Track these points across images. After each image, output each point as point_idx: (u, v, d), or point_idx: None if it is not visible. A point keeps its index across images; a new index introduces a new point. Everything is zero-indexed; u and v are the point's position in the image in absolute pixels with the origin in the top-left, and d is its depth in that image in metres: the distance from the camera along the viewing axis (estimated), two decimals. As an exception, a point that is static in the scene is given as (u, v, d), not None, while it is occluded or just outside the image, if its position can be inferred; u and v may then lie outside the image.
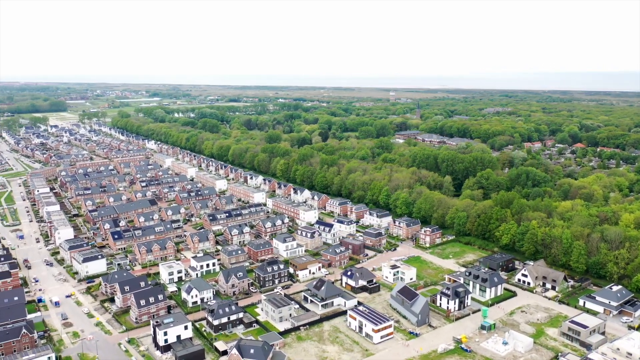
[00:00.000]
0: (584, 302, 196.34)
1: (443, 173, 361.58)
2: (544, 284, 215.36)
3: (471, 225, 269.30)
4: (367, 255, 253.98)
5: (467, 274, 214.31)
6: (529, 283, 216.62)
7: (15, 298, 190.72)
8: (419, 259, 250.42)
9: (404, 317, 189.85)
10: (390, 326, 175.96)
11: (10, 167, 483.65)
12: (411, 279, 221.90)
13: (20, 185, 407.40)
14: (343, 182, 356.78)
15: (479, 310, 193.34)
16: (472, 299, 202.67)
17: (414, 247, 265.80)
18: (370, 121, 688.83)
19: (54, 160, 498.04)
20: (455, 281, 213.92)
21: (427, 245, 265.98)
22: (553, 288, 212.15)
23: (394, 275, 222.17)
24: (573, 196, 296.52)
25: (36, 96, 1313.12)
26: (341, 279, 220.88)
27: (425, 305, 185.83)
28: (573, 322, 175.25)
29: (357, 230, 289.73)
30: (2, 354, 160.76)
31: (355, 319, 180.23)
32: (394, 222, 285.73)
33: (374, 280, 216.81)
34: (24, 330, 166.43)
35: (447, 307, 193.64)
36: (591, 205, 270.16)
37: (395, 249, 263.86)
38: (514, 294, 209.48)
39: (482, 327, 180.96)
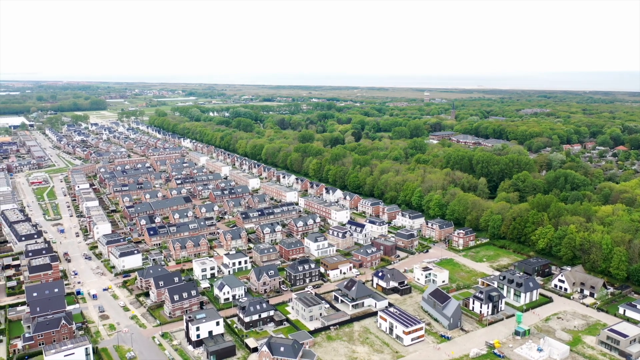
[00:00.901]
0: (624, 310, 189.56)
1: (478, 175, 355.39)
2: (581, 291, 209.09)
3: (506, 229, 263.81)
4: (398, 256, 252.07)
5: (502, 278, 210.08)
6: (565, 289, 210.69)
7: (56, 290, 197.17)
8: (452, 261, 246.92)
9: (436, 320, 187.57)
10: (421, 328, 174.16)
11: (52, 164, 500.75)
12: (443, 281, 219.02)
13: (61, 181, 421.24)
14: (375, 183, 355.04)
15: (513, 315, 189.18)
16: (506, 303, 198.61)
17: (447, 250, 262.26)
18: (404, 121, 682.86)
19: (94, 157, 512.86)
20: (488, 285, 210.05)
21: (460, 247, 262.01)
22: (591, 295, 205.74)
23: (426, 277, 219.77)
24: (614, 200, 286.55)
25: (78, 95, 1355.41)
26: (372, 280, 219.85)
27: (457, 308, 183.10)
28: (612, 330, 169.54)
29: (388, 231, 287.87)
30: (43, 344, 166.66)
31: (385, 320, 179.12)
32: (427, 224, 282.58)
33: (406, 282, 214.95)
34: (63, 321, 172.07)
35: (480, 311, 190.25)
36: (633, 210, 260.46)
37: (427, 251, 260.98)
38: (550, 300, 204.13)
39: (516, 333, 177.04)
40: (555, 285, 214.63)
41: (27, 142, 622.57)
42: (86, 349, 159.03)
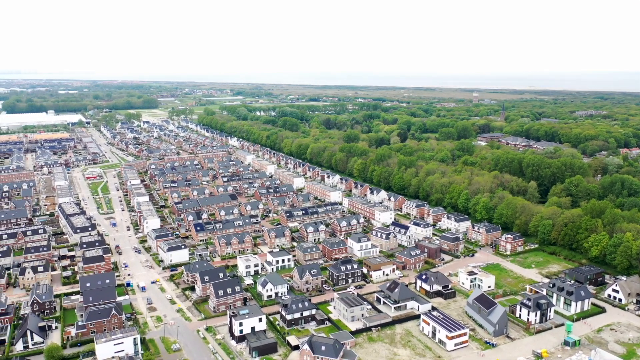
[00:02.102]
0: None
1: (528, 178, 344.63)
2: (637, 302, 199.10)
3: (557, 235, 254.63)
4: (443, 259, 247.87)
5: (551, 285, 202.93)
6: (620, 299, 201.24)
7: (107, 281, 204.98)
8: (499, 266, 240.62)
9: (480, 325, 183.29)
10: (465, 334, 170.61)
11: (106, 160, 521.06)
12: (489, 287, 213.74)
13: (114, 177, 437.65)
14: (421, 184, 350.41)
15: (562, 324, 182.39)
16: (555, 312, 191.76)
17: (494, 254, 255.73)
18: (451, 122, 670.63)
19: (145, 154, 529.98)
20: (537, 292, 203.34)
21: (508, 253, 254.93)
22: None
23: (471, 282, 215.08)
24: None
25: (131, 94, 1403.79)
26: (415, 283, 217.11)
27: (503, 315, 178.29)
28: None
29: (433, 234, 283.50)
30: (94, 332, 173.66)
31: (428, 323, 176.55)
32: (473, 227, 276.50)
33: (450, 286, 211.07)
34: (113, 311, 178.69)
35: (528, 319, 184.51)
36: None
37: (473, 255, 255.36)
38: (602, 310, 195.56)
39: (566, 343, 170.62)
40: (609, 295, 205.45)
41: (83, 139, 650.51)
42: (134, 339, 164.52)
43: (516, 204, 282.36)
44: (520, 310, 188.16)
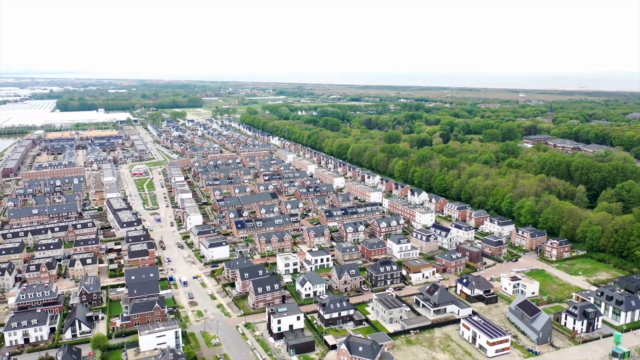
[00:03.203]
0: None
1: (576, 182, 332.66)
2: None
3: (606, 241, 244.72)
4: (485, 263, 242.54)
5: (599, 294, 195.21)
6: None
7: (151, 275, 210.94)
8: (543, 272, 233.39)
9: (523, 332, 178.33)
10: (507, 340, 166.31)
11: (152, 157, 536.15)
12: (533, 293, 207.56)
13: (159, 174, 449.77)
14: (463, 186, 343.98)
15: (610, 335, 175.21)
16: (603, 321, 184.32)
17: (538, 260, 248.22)
18: (496, 124, 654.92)
19: (189, 152, 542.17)
20: (584, 300, 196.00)
21: (553, 258, 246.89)
22: None
23: (514, 287, 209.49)
24: None
25: (177, 93, 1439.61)
26: (456, 286, 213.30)
27: (547, 322, 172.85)
28: None
29: (475, 237, 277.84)
30: (138, 324, 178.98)
31: (468, 328, 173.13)
32: (517, 232, 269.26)
33: (492, 291, 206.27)
34: (156, 304, 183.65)
35: (573, 328, 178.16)
36: None
37: (516, 260, 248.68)
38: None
39: (614, 355, 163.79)
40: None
41: (131, 136, 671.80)
42: (176, 332, 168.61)
43: (563, 209, 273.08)
44: (566, 319, 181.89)
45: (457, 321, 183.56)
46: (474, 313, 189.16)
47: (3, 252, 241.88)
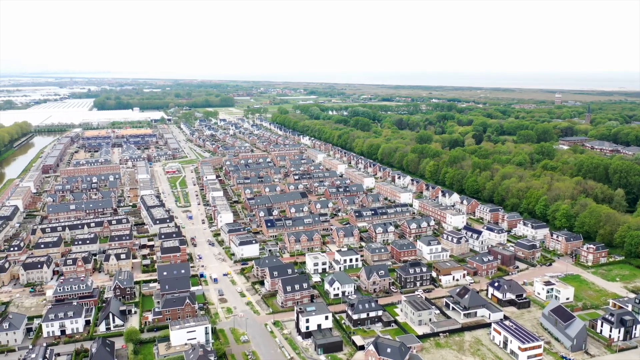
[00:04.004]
0: None
1: (614, 185, 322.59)
2: None
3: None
4: (517, 267, 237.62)
5: (638, 301, 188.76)
6: None
7: (182, 271, 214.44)
8: (578, 278, 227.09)
9: (557, 339, 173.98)
10: (539, 346, 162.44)
11: (185, 155, 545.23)
12: (567, 298, 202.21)
13: (192, 172, 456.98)
14: (496, 188, 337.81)
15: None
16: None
17: (573, 265, 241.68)
18: (531, 125, 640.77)
19: (221, 151, 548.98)
20: (621, 307, 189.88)
21: (589, 264, 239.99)
22: None
23: (548, 292, 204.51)
24: None
25: (210, 92, 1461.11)
26: (487, 290, 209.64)
27: (582, 329, 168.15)
28: None
29: (507, 240, 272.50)
30: (169, 319, 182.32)
31: (500, 333, 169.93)
32: (551, 235, 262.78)
33: (524, 295, 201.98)
34: (187, 300, 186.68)
35: (610, 336, 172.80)
36: None
37: (550, 264, 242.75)
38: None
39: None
40: None
41: (164, 135, 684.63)
42: (206, 328, 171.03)
43: (600, 213, 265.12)
44: (602, 326, 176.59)
45: (488, 325, 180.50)
46: (506, 317, 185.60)
47: (42, 245, 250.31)
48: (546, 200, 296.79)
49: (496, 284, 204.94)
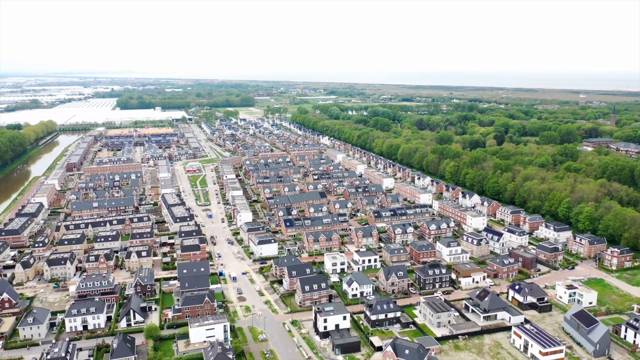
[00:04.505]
0: None
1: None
2: None
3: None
4: (539, 270, 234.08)
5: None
6: None
7: (202, 269, 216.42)
8: (602, 282, 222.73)
9: (579, 344, 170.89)
10: (561, 351, 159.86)
11: (205, 154, 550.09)
12: (590, 303, 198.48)
13: (212, 171, 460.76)
14: (517, 190, 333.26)
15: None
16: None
17: (597, 269, 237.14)
18: (554, 126, 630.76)
19: (241, 151, 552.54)
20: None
21: (614, 268, 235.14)
22: None
23: (570, 296, 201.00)
24: None
25: (230, 92, 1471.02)
26: (507, 292, 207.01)
27: (605, 334, 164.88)
28: None
29: (529, 243, 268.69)
30: (188, 316, 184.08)
31: (520, 337, 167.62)
32: (574, 238, 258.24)
33: (546, 299, 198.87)
34: (206, 298, 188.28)
35: (634, 341, 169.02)
36: None
37: (573, 268, 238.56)
38: None
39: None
40: None
41: (185, 134, 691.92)
42: (224, 326, 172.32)
43: (625, 216, 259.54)
44: (626, 331, 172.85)
45: (508, 328, 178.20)
46: (527, 321, 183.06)
47: (66, 242, 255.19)
48: (569, 203, 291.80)
49: (517, 287, 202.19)
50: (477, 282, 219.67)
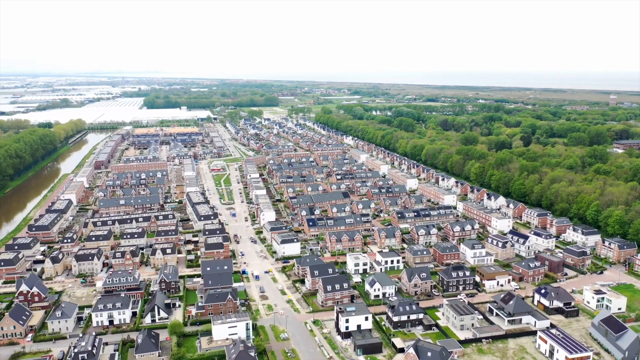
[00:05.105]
0: None
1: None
2: None
3: None
4: (566, 274, 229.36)
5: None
6: None
7: (225, 267, 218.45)
8: (632, 287, 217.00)
9: (607, 350, 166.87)
10: (588, 357, 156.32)
11: (230, 154, 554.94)
12: (619, 309, 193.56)
13: (236, 170, 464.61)
14: (544, 192, 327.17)
15: None
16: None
17: (626, 274, 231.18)
18: (583, 127, 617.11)
19: (265, 150, 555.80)
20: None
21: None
22: None
23: (598, 301, 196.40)
24: None
25: (255, 92, 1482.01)
26: (533, 296, 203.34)
27: (635, 341, 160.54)
28: None
29: (556, 246, 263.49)
30: (211, 314, 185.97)
31: (545, 342, 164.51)
32: (603, 242, 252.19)
33: (573, 304, 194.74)
34: (229, 296, 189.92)
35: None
36: None
37: (601, 273, 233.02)
38: None
39: None
40: None
41: (210, 133, 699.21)
42: (247, 324, 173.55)
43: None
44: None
45: (533, 333, 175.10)
46: (552, 326, 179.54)
47: (93, 238, 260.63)
48: (598, 206, 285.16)
49: (543, 291, 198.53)
50: (501, 285, 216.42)
